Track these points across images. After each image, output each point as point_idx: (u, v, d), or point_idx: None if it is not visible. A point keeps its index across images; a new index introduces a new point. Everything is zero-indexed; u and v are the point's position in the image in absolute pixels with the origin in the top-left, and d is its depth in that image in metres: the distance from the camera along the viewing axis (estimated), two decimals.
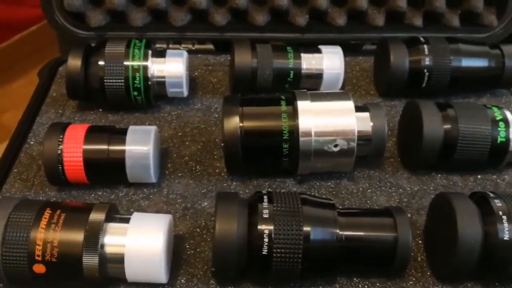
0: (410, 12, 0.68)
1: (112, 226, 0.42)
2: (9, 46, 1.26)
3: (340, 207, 0.46)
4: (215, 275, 0.44)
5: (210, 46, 0.69)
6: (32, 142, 0.56)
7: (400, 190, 0.52)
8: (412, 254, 0.46)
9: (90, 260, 0.40)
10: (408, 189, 0.52)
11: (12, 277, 0.41)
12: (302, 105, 0.49)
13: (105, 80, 0.55)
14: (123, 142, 0.49)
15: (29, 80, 1.24)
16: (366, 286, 0.44)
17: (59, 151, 0.48)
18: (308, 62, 0.59)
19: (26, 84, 1.24)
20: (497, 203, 0.43)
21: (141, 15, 0.67)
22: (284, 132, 0.49)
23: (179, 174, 0.52)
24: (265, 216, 0.41)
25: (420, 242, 0.47)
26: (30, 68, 1.26)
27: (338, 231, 0.42)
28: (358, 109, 0.51)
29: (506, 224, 0.42)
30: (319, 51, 0.60)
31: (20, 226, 0.41)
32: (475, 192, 0.46)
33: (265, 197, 0.43)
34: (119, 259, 0.41)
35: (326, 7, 0.66)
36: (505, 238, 0.41)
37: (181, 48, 0.68)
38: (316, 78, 0.60)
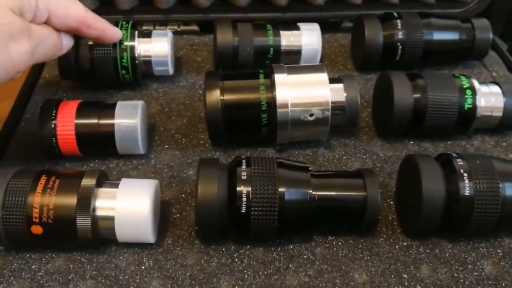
0: None
1: (102, 190, 0.45)
2: None
3: (314, 170, 0.49)
4: (198, 234, 0.47)
5: (195, 27, 0.72)
6: (27, 120, 0.59)
7: (374, 156, 0.55)
8: (384, 214, 0.50)
9: (83, 222, 0.44)
10: (382, 155, 0.55)
11: (12, 239, 0.44)
12: (279, 77, 0.52)
13: (94, 60, 0.58)
14: (112, 116, 0.52)
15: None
16: (340, 243, 0.47)
17: (53, 125, 0.52)
18: (287, 39, 0.62)
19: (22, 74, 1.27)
20: (459, 162, 0.46)
21: None
22: (262, 103, 0.52)
23: (166, 146, 0.56)
24: (243, 178, 0.45)
25: (391, 203, 0.51)
26: None
27: (311, 191, 0.45)
28: (333, 80, 0.54)
29: (467, 182, 0.45)
30: (297, 28, 0.63)
31: (18, 191, 0.44)
32: (441, 153, 0.49)
33: (244, 161, 0.46)
34: (110, 221, 0.45)
35: None
36: (466, 194, 0.45)
37: (167, 29, 0.71)
38: (295, 54, 0.63)
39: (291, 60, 0.63)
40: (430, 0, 0.71)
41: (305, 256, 0.47)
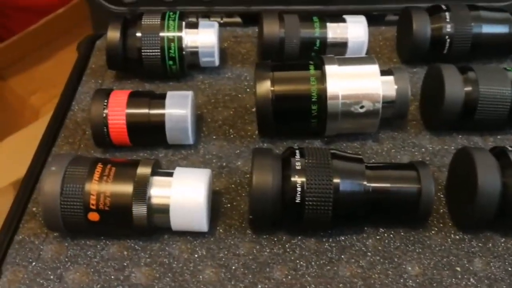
0: None
1: (157, 179, 0.46)
2: (35, 30, 1.30)
3: (368, 162, 0.49)
4: (252, 223, 0.47)
5: (238, 19, 0.72)
6: (75, 109, 0.60)
7: (423, 149, 0.55)
8: (434, 207, 0.49)
9: (139, 210, 0.44)
10: (430, 148, 0.55)
11: (68, 225, 0.45)
12: (330, 69, 0.52)
13: (142, 51, 0.59)
14: (162, 106, 0.53)
15: (56, 63, 1.28)
16: (391, 235, 0.47)
17: (104, 115, 0.52)
18: (334, 31, 0.62)
19: (52, 66, 1.28)
20: None
21: None
22: (313, 95, 0.52)
23: (214, 137, 0.56)
24: (297, 168, 0.45)
25: (442, 196, 0.51)
26: (56, 51, 1.30)
27: (365, 183, 0.45)
28: (383, 73, 0.53)
29: None
30: (343, 20, 0.63)
31: (75, 179, 0.45)
32: (495, 147, 0.49)
33: (297, 151, 0.46)
34: (165, 209, 0.45)
35: None
36: None
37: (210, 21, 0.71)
38: (341, 46, 0.62)
39: (337, 52, 0.63)
40: None
41: (357, 248, 0.47)
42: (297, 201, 0.44)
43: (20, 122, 1.10)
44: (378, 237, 0.47)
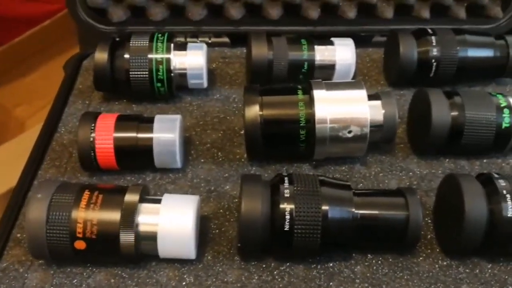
0: (418, 4, 0.71)
1: (145, 206, 0.46)
2: (21, 41, 1.29)
3: (356, 188, 0.49)
4: (241, 251, 0.47)
5: (226, 40, 0.72)
6: (62, 131, 0.59)
7: (410, 173, 0.55)
8: (422, 233, 0.49)
9: (126, 238, 0.44)
10: (418, 172, 0.55)
11: (54, 253, 0.44)
12: (318, 94, 0.52)
13: (130, 72, 0.59)
14: (151, 130, 0.52)
15: (41, 75, 1.27)
16: (379, 261, 0.47)
17: (92, 139, 0.52)
18: (321, 53, 0.62)
19: (37, 78, 1.27)
20: (502, 183, 0.46)
21: (160, 10, 0.70)
22: (301, 119, 0.52)
23: (202, 160, 0.56)
24: (286, 195, 0.45)
25: (429, 221, 0.51)
26: (41, 63, 1.29)
27: (354, 210, 0.45)
28: (371, 97, 0.54)
29: (510, 203, 0.45)
30: (331, 43, 0.63)
31: (62, 206, 0.44)
32: (481, 173, 0.49)
33: (286, 178, 0.46)
34: (153, 237, 0.45)
35: (337, 1, 0.70)
36: (508, 215, 0.44)
37: (198, 41, 0.71)
38: (329, 69, 0.63)
39: (325, 75, 0.63)
40: (461, 16, 0.71)
41: (345, 274, 0.47)
42: (286, 229, 0.44)
43: (4, 134, 1.09)
44: (366, 263, 0.47)
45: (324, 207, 0.44)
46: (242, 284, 0.46)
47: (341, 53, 0.63)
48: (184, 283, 0.46)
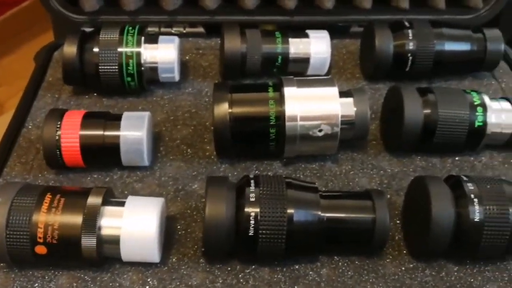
0: None
1: (108, 209, 0.45)
2: (0, 23, 1.27)
3: (323, 190, 0.48)
4: (205, 255, 0.47)
5: (201, 29, 0.70)
6: (30, 126, 0.58)
7: (381, 171, 0.54)
8: (390, 233, 0.49)
9: (88, 242, 0.43)
10: (389, 170, 0.54)
11: (15, 258, 0.44)
12: (289, 91, 0.51)
13: (99, 67, 0.57)
14: (117, 127, 0.51)
15: (21, 55, 1.26)
16: (346, 264, 0.47)
17: (57, 137, 0.51)
18: (296, 46, 0.61)
19: (17, 59, 1.26)
20: (470, 186, 0.45)
21: (133, 0, 0.68)
22: (271, 117, 0.51)
23: (171, 157, 0.55)
24: (251, 199, 0.44)
25: (398, 222, 0.50)
26: (21, 44, 1.28)
27: (320, 213, 0.45)
28: (342, 94, 0.53)
29: (477, 207, 0.44)
30: (306, 35, 0.62)
31: (22, 210, 0.43)
32: (450, 175, 0.49)
33: (252, 181, 0.46)
34: (115, 240, 0.44)
35: None
36: (475, 220, 0.44)
37: (172, 31, 0.70)
38: (303, 62, 0.62)
39: (299, 68, 0.62)
40: (441, 6, 0.70)
41: (310, 278, 0.46)
42: (250, 233, 0.43)
43: None
44: (332, 266, 0.47)
45: (290, 211, 0.44)
46: None
47: (316, 46, 0.62)
48: (147, 287, 0.45)
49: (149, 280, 0.46)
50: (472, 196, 0.45)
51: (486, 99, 0.54)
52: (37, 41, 1.23)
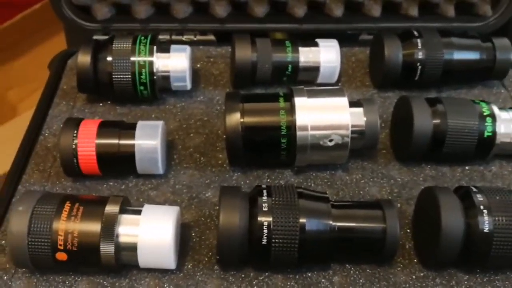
0: (406, 2, 0.70)
1: (125, 217, 0.46)
2: (12, 25, 1.28)
3: (334, 200, 0.49)
4: (220, 263, 0.48)
5: (212, 37, 0.71)
6: (46, 134, 0.59)
7: (392, 181, 0.55)
8: (401, 242, 0.50)
9: (106, 249, 0.45)
10: (399, 180, 0.55)
11: (36, 263, 0.45)
12: (299, 101, 0.52)
13: (113, 75, 0.58)
14: (132, 136, 0.53)
15: (32, 58, 1.27)
16: (357, 272, 0.48)
17: (74, 146, 0.52)
18: (306, 55, 0.62)
19: (29, 62, 1.27)
20: (479, 197, 0.46)
21: (144, 8, 0.69)
22: (282, 127, 0.52)
23: (185, 165, 0.56)
24: (264, 209, 0.45)
25: (408, 231, 0.51)
26: (33, 46, 1.29)
27: (331, 222, 0.46)
28: (352, 104, 0.54)
29: (486, 217, 0.45)
30: (316, 44, 0.63)
31: (43, 218, 0.45)
32: (459, 186, 0.49)
33: (265, 191, 0.47)
34: (133, 248, 0.45)
35: None
36: (485, 230, 0.45)
37: (183, 39, 0.71)
38: (313, 71, 0.63)
39: (309, 76, 0.63)
40: (450, 14, 0.71)
41: (322, 285, 0.47)
42: (263, 242, 0.45)
43: None
44: (344, 273, 0.48)
45: (302, 220, 0.45)
46: None
47: (326, 54, 0.62)
48: None
49: (165, 286, 0.47)
50: (482, 207, 0.46)
51: (495, 109, 0.55)
52: (48, 44, 1.25)
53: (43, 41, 1.28)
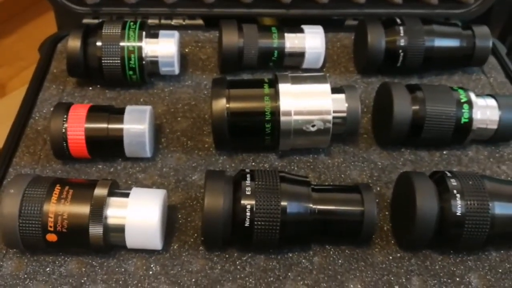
0: None
1: (114, 200, 0.48)
2: (0, 4, 1.28)
3: (315, 183, 0.51)
4: (204, 244, 0.50)
5: (200, 22, 0.72)
6: (36, 117, 0.60)
7: (372, 164, 0.57)
8: (379, 224, 0.52)
9: (95, 230, 0.46)
10: (379, 164, 0.57)
11: (27, 244, 0.47)
12: (283, 88, 0.54)
13: (102, 60, 0.60)
14: (121, 121, 0.54)
15: (21, 36, 1.27)
16: (336, 253, 0.50)
17: (64, 130, 0.53)
18: (291, 41, 0.64)
19: (17, 40, 1.27)
20: (453, 182, 0.48)
21: None
22: (266, 113, 0.54)
23: (172, 149, 0.58)
24: (247, 193, 0.47)
25: (387, 213, 0.53)
26: (21, 25, 1.28)
27: (311, 205, 0.48)
28: (334, 91, 0.55)
29: (459, 201, 0.47)
30: (302, 31, 0.64)
31: (34, 200, 0.46)
32: (435, 171, 0.52)
33: (248, 175, 0.48)
34: (121, 229, 0.47)
35: None
36: (457, 214, 0.47)
37: (172, 23, 0.72)
38: (298, 57, 0.64)
39: (295, 62, 0.65)
40: (433, 1, 0.72)
41: (303, 265, 0.49)
42: (246, 224, 0.47)
43: None
44: (324, 254, 0.50)
45: (283, 203, 0.47)
46: (205, 274, 0.48)
47: (311, 41, 0.64)
48: (151, 272, 0.48)
49: (152, 266, 0.49)
50: (455, 191, 0.48)
51: (473, 96, 0.57)
52: (37, 22, 1.24)
53: (32, 20, 1.28)
